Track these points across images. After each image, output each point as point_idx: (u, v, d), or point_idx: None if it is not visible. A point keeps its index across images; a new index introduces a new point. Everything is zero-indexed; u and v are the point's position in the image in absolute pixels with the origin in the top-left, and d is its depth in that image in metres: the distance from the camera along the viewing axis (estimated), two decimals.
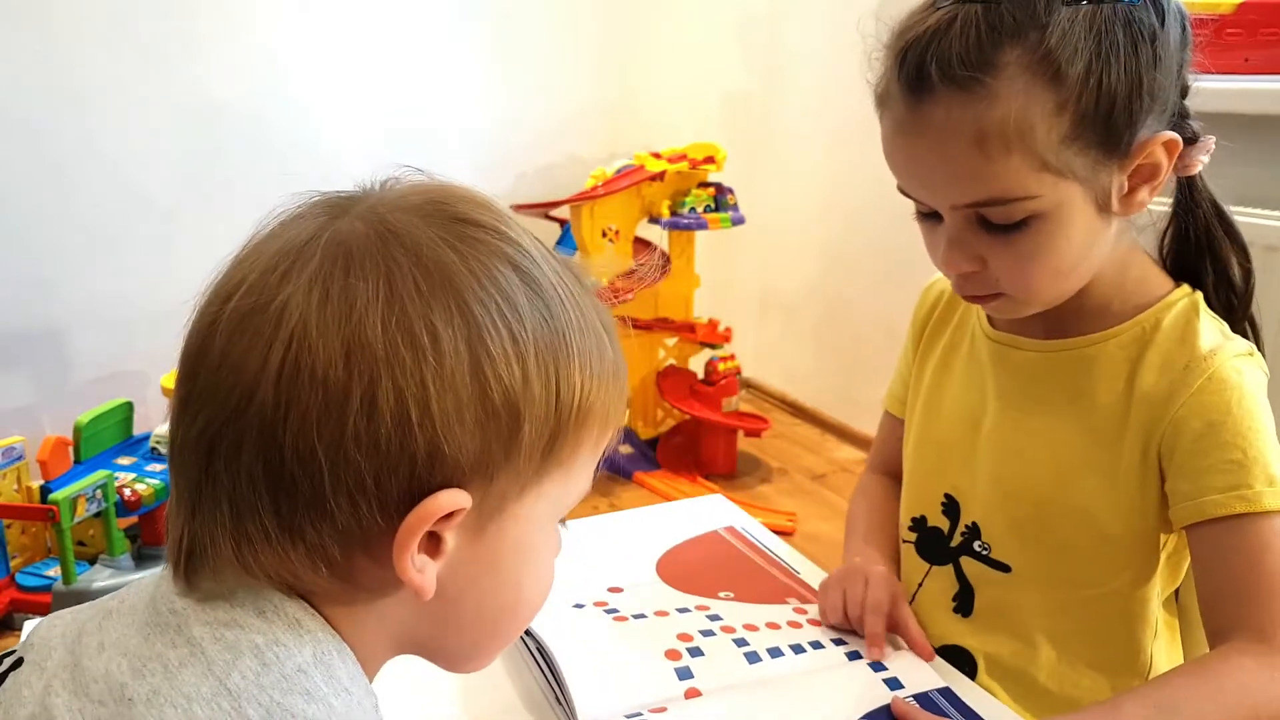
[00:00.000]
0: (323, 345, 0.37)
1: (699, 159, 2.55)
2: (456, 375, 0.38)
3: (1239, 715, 0.62)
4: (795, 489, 2.52)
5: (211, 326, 0.40)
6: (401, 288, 0.38)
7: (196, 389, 0.40)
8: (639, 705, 0.64)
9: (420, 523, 0.39)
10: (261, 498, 0.39)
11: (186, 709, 0.37)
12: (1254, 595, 0.65)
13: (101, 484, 1.85)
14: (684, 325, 2.63)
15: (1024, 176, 0.64)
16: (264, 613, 0.40)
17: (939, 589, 0.81)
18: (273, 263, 0.40)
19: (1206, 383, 0.68)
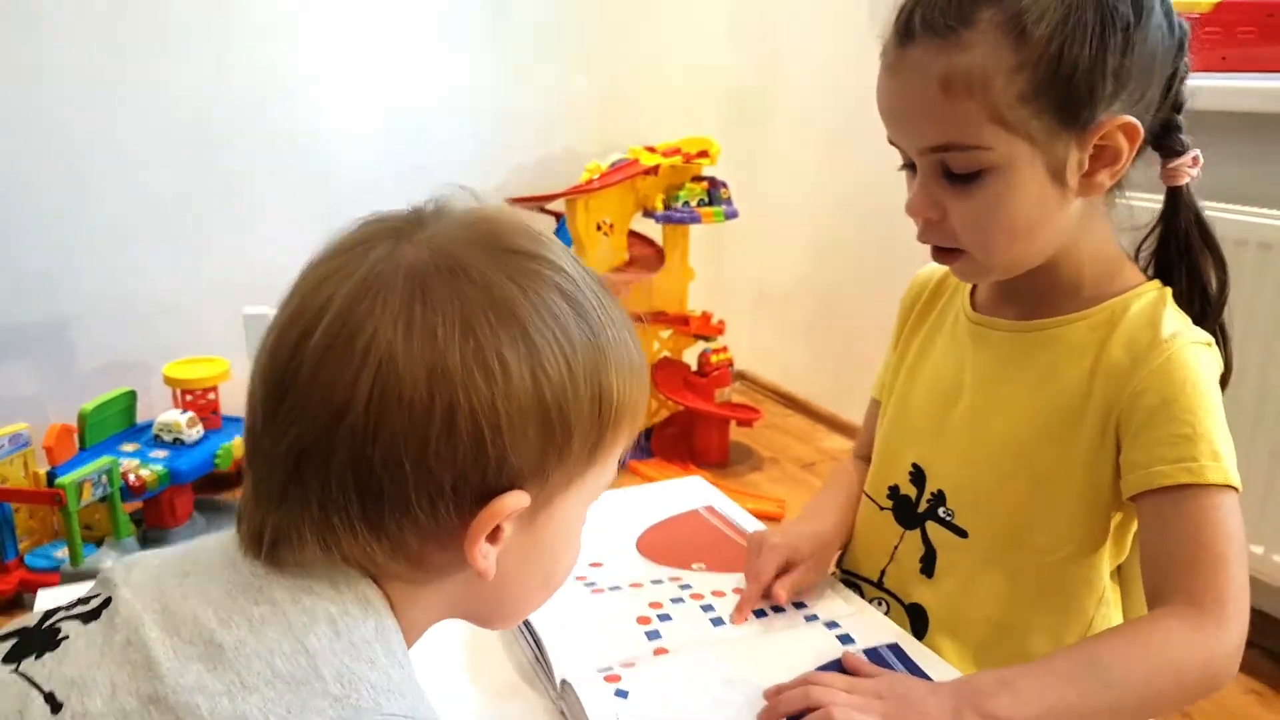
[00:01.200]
0: (408, 373, 0.43)
1: (693, 153, 2.59)
2: (521, 397, 0.44)
3: (1163, 672, 0.66)
4: (785, 477, 2.57)
5: (298, 349, 0.44)
6: (474, 322, 0.44)
7: (285, 406, 0.44)
8: (611, 660, 0.69)
9: (490, 520, 0.45)
10: (350, 500, 0.44)
11: (269, 660, 0.42)
12: (1190, 563, 0.69)
13: (106, 469, 1.90)
14: (678, 318, 2.67)
15: (979, 125, 0.69)
16: (337, 585, 0.45)
17: (909, 552, 0.86)
18: (356, 291, 0.44)
19: (1165, 362, 0.72)
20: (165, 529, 2.07)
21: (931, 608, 0.84)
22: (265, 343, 0.47)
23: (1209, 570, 0.68)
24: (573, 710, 0.65)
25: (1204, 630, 0.67)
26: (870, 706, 0.63)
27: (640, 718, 0.63)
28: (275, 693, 0.42)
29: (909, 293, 0.94)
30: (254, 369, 0.47)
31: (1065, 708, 0.64)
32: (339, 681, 0.42)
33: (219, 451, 2.14)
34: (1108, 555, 0.79)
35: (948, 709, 0.63)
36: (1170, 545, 0.70)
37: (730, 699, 0.67)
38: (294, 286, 0.47)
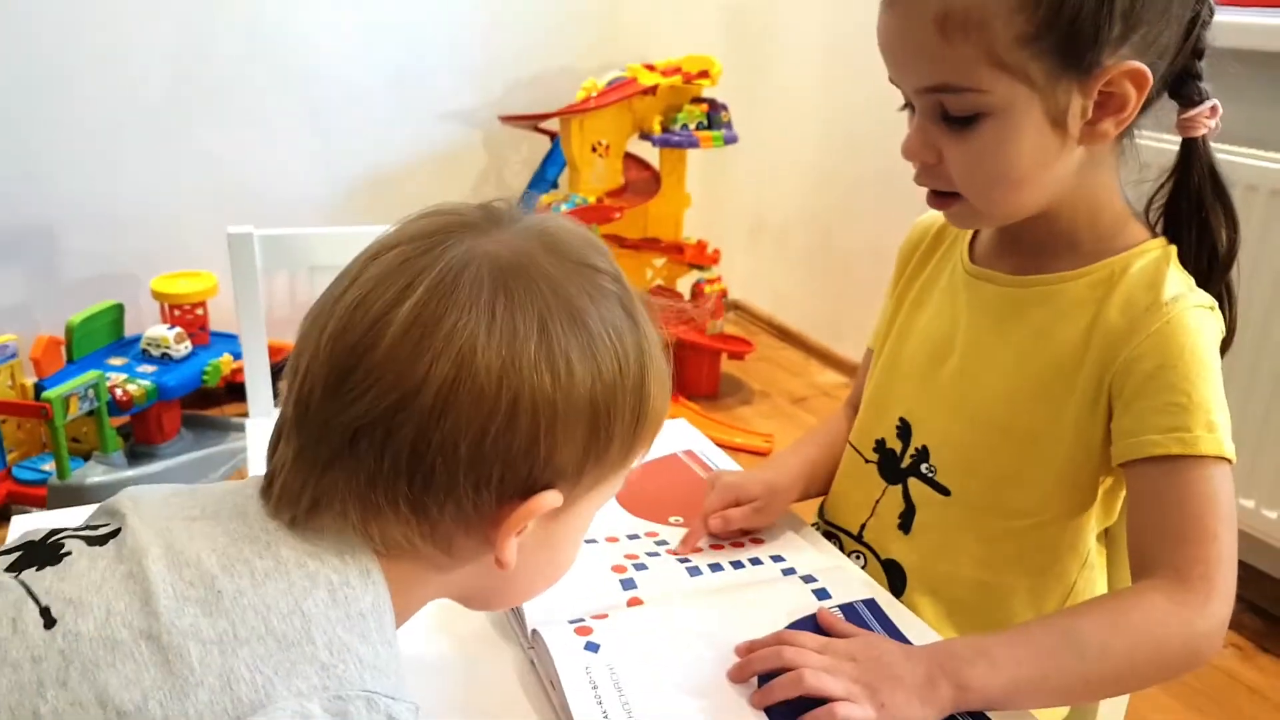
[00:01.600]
0: (484, 363, 0.45)
1: (693, 73, 2.52)
2: (579, 398, 0.47)
3: (1142, 647, 0.65)
4: (775, 411, 2.57)
5: (377, 326, 0.45)
6: (551, 326, 0.46)
7: (355, 377, 0.45)
8: (584, 612, 0.69)
9: (526, 515, 0.48)
10: (400, 478, 0.46)
11: (264, 616, 0.43)
12: (1176, 535, 0.67)
13: (93, 383, 1.89)
14: (672, 246, 2.64)
15: (976, 67, 0.66)
16: (343, 555, 0.47)
17: (889, 507, 0.85)
18: (440, 279, 0.46)
19: (1164, 326, 0.70)
20: (153, 444, 2.07)
21: (909, 565, 0.83)
22: (326, 312, 0.47)
23: (1197, 544, 0.67)
24: (543, 661, 0.65)
25: (1188, 606, 0.66)
26: (842, 669, 0.62)
27: (610, 671, 0.63)
28: (265, 649, 0.42)
29: (908, 241, 0.91)
30: (309, 334, 0.48)
31: (1040, 679, 0.64)
32: (329, 649, 0.43)
33: (207, 368, 2.13)
34: (1094, 519, 0.78)
35: (921, 674, 0.62)
36: (1159, 516, 0.69)
37: (703, 654, 0.66)
38: (362, 264, 0.48)
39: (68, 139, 2.24)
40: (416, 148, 2.62)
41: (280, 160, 2.47)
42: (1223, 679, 1.61)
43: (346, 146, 2.53)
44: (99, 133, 2.27)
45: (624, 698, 0.61)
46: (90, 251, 2.33)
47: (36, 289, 2.30)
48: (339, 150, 2.53)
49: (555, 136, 2.58)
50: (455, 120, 2.65)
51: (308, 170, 2.51)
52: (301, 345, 0.48)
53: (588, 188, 2.49)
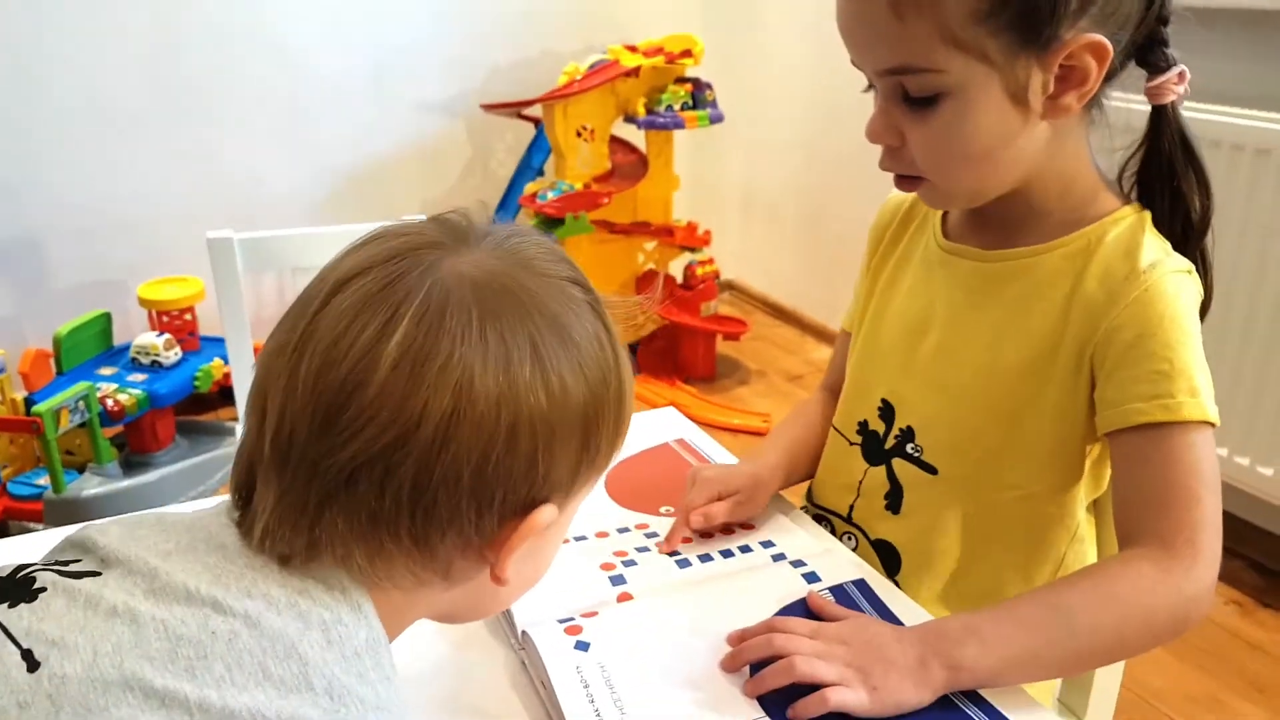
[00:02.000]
0: (482, 394, 0.44)
1: (676, 53, 2.50)
2: (574, 415, 0.47)
3: (1132, 618, 0.65)
4: (771, 390, 2.56)
5: (365, 363, 0.44)
6: (542, 347, 0.46)
7: (347, 416, 0.44)
8: (573, 610, 0.68)
9: (529, 532, 0.48)
10: (401, 514, 0.45)
11: (261, 661, 0.42)
12: (1162, 502, 0.67)
13: (84, 395, 1.88)
14: (663, 229, 2.62)
15: (932, 47, 0.65)
16: (332, 590, 0.45)
17: (874, 488, 0.84)
18: (424, 309, 0.44)
19: (1143, 294, 0.69)
20: (148, 453, 2.07)
21: (901, 544, 0.83)
22: (293, 346, 0.45)
23: (1182, 509, 0.67)
24: (533, 662, 0.64)
25: (1174, 573, 0.66)
26: (834, 653, 0.62)
27: (601, 669, 0.63)
28: (266, 696, 0.41)
29: (878, 219, 0.91)
30: (276, 369, 0.46)
31: (1031, 655, 0.64)
32: (329, 694, 0.42)
33: (198, 373, 2.12)
34: (1082, 491, 0.78)
35: (913, 656, 0.62)
36: (1144, 484, 0.69)
37: (694, 646, 0.66)
38: (328, 294, 0.46)
39: (45, 150, 2.23)
40: (400, 141, 2.60)
41: (263, 161, 2.45)
42: (1224, 636, 1.62)
43: (330, 143, 2.51)
44: (77, 141, 2.25)
45: (616, 695, 0.61)
46: (75, 261, 2.32)
47: (22, 302, 2.29)
48: (322, 148, 2.51)
49: (539, 123, 2.56)
50: (438, 111, 2.63)
51: (291, 169, 2.49)
52: (267, 381, 0.46)
53: (574, 173, 2.47)
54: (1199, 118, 1.62)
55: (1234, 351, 1.64)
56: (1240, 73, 1.67)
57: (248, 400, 0.48)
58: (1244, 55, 1.67)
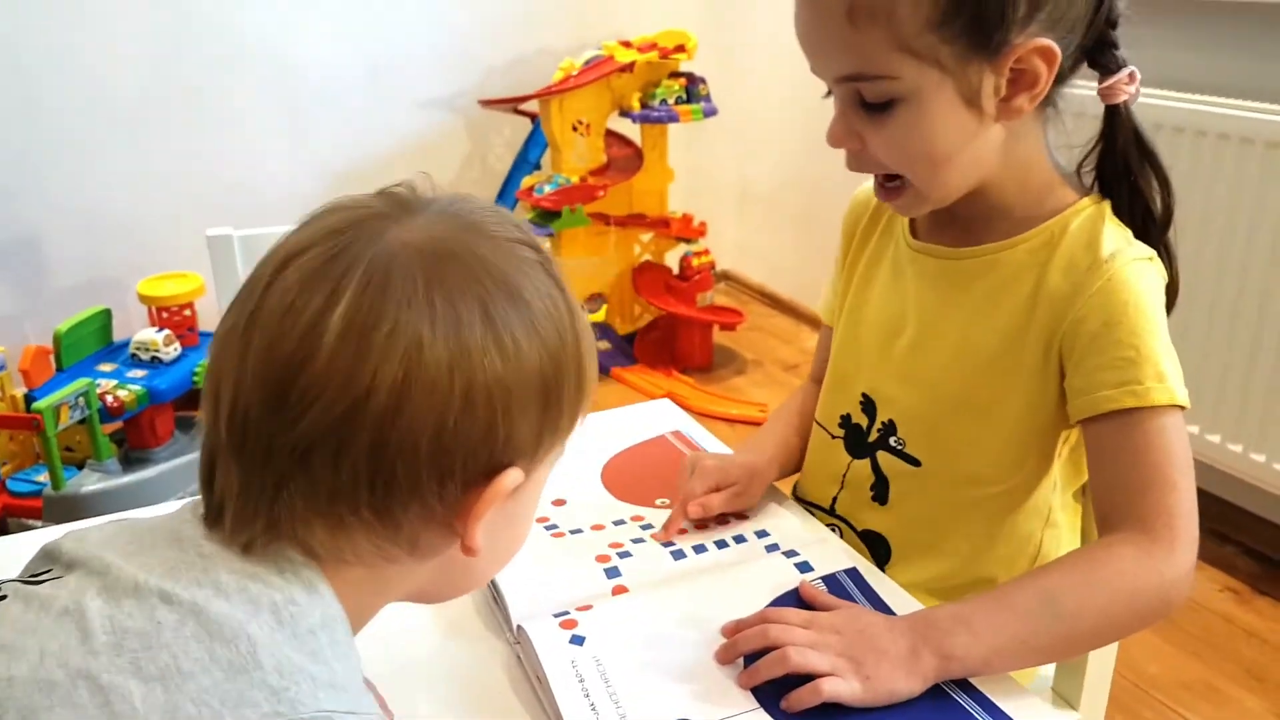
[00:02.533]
0: (432, 357, 0.43)
1: (670, 48, 2.50)
2: (529, 374, 0.46)
3: (1117, 601, 0.66)
4: (768, 380, 2.57)
5: (310, 338, 0.43)
6: (492, 308, 0.45)
7: (296, 392, 0.43)
8: (568, 604, 0.69)
9: (494, 498, 0.47)
10: (360, 487, 0.44)
11: (208, 645, 0.41)
12: (1138, 487, 0.68)
13: (84, 391, 1.89)
14: (659, 221, 2.63)
15: (886, 55, 0.67)
16: (283, 572, 0.45)
17: (859, 480, 0.86)
18: (368, 278, 0.44)
19: (1106, 284, 0.71)
20: (147, 449, 2.07)
21: (891, 534, 0.84)
22: (241, 328, 0.45)
23: (1158, 494, 0.68)
24: (528, 656, 0.65)
25: (1155, 556, 0.67)
26: (827, 643, 0.63)
27: (595, 663, 0.63)
28: (211, 680, 0.40)
29: (849, 214, 0.92)
30: (225, 354, 0.45)
31: (1020, 643, 0.65)
32: (278, 672, 0.41)
33: (197, 369, 2.13)
34: (1059, 477, 0.79)
35: (904, 645, 0.63)
36: (1119, 470, 0.70)
37: (689, 638, 0.67)
38: (273, 271, 0.45)
39: (44, 148, 2.23)
40: (398, 137, 2.60)
41: (261, 157, 2.45)
42: (1220, 623, 1.63)
43: (328, 140, 2.51)
44: (76, 140, 2.25)
45: (611, 689, 0.62)
46: (75, 259, 2.32)
47: (22, 299, 2.30)
48: (320, 144, 2.51)
49: (536, 118, 2.56)
50: (435, 107, 2.63)
51: (290, 166, 2.49)
52: (219, 366, 0.46)
53: (570, 167, 2.48)
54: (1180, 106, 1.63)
55: (1222, 338, 1.65)
56: (1232, 65, 1.67)
57: (204, 389, 0.47)
58: (1221, 45, 1.68)
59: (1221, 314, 1.64)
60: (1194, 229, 1.62)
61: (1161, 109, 1.65)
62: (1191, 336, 1.65)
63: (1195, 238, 1.63)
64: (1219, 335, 1.65)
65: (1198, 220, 1.62)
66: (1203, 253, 1.64)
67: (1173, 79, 1.68)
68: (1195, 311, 1.65)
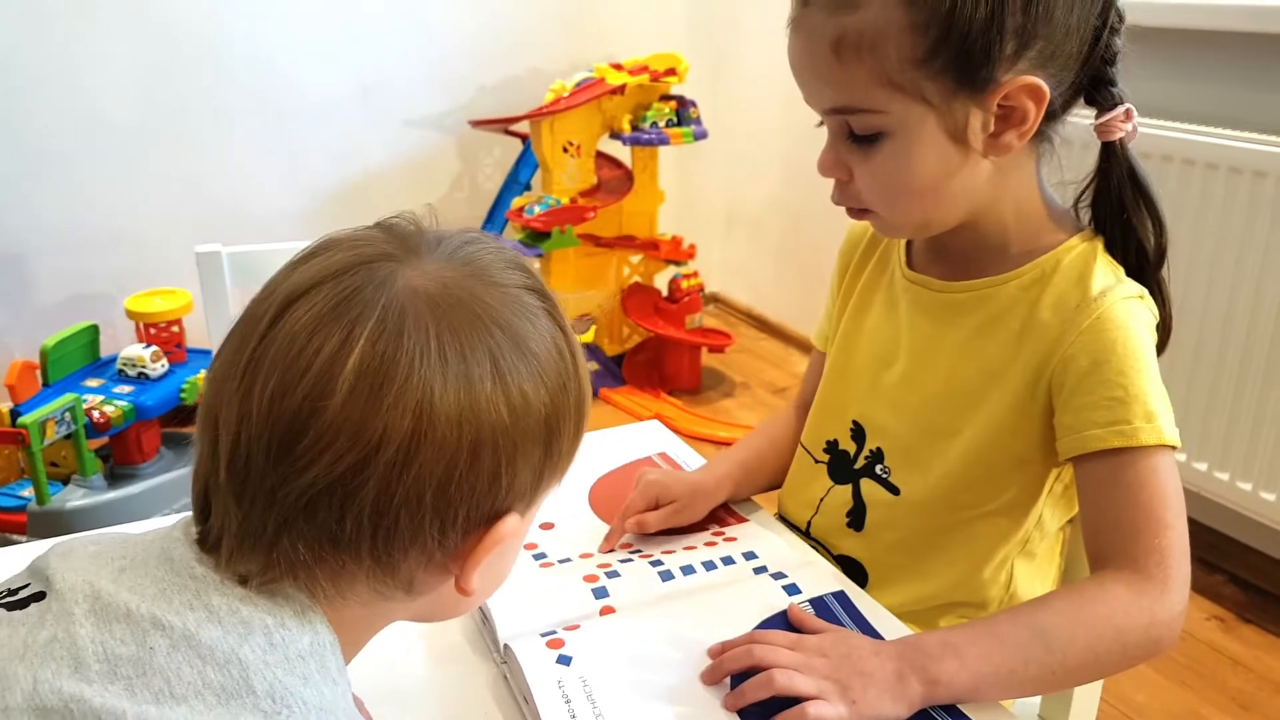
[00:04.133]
0: (444, 413, 0.43)
1: (661, 71, 2.52)
2: (535, 425, 0.47)
3: (1106, 638, 0.66)
4: (756, 403, 2.57)
5: (321, 387, 0.42)
6: (502, 361, 0.45)
7: (306, 441, 0.42)
8: (555, 624, 0.69)
9: (493, 544, 0.47)
10: (363, 537, 0.44)
11: (200, 670, 0.41)
12: (1129, 527, 0.68)
13: (70, 406, 1.88)
14: (648, 242, 2.64)
15: (872, 89, 0.68)
16: (275, 596, 0.45)
17: (836, 505, 0.86)
18: (380, 328, 0.43)
19: (1095, 322, 0.71)
20: (133, 465, 2.05)
21: (865, 561, 0.84)
22: (244, 366, 0.44)
23: (1149, 534, 0.68)
24: (515, 676, 0.65)
25: (1147, 595, 0.67)
26: (813, 666, 0.63)
27: (582, 683, 0.63)
28: (204, 704, 0.41)
29: (846, 243, 0.93)
30: (227, 391, 0.44)
31: (1008, 673, 0.65)
32: (270, 696, 0.42)
33: (185, 385, 2.12)
34: (1044, 512, 0.79)
35: (891, 670, 0.63)
36: (1109, 509, 0.70)
37: (675, 659, 0.66)
38: (277, 310, 0.44)
39: (34, 163, 2.22)
40: (388, 156, 2.60)
41: (251, 174, 2.45)
42: (1206, 652, 1.63)
43: (317, 158, 2.52)
44: (65, 155, 2.25)
45: (597, 709, 0.61)
46: (63, 274, 2.31)
47: (9, 314, 2.28)
48: (310, 162, 2.51)
49: (526, 139, 2.57)
50: (426, 127, 2.64)
51: (279, 183, 2.49)
52: (217, 400, 0.45)
53: (560, 188, 2.49)
54: (1183, 138, 1.65)
55: (1210, 369, 1.66)
56: (1221, 94, 1.69)
57: (198, 420, 0.46)
58: (1227, 77, 1.70)
59: (1209, 342, 1.65)
60: (1182, 257, 1.64)
61: (1149, 138, 1.67)
62: (1179, 364, 1.67)
63: (1183, 266, 1.65)
64: (1206, 363, 1.66)
65: (1185, 249, 1.63)
66: (1190, 281, 1.65)
67: (1160, 108, 1.70)
68: (1183, 339, 1.65)
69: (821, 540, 0.87)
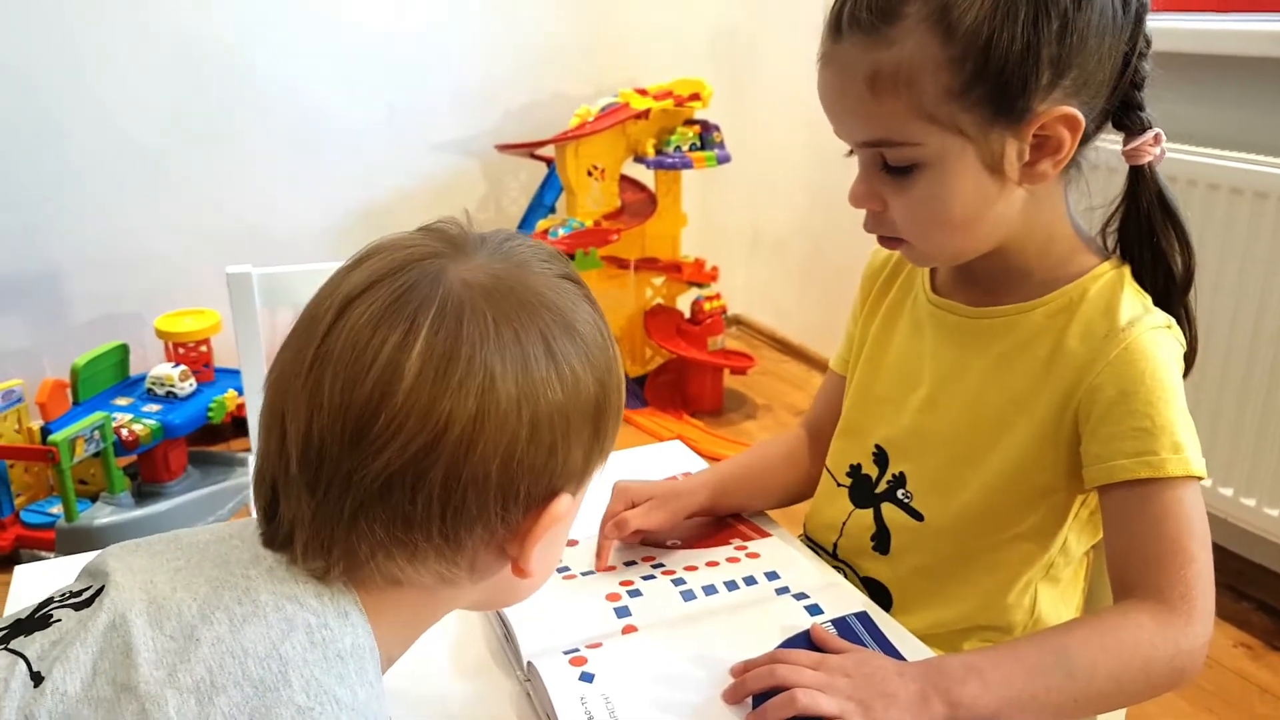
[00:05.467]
0: (505, 394, 0.46)
1: (685, 96, 2.54)
2: (586, 404, 0.50)
3: (1130, 667, 0.66)
4: (778, 424, 2.57)
5: (391, 371, 0.45)
6: (550, 339, 0.48)
7: (377, 427, 0.45)
8: (578, 642, 0.69)
9: (550, 522, 0.50)
10: (433, 516, 0.47)
11: (242, 661, 0.44)
12: (1155, 558, 0.68)
13: (99, 424, 1.91)
14: (671, 265, 2.65)
15: (908, 122, 0.68)
16: (321, 597, 0.47)
17: (860, 529, 0.86)
18: (440, 317, 0.46)
19: (1123, 353, 0.71)
20: (160, 483, 2.08)
21: (891, 583, 0.84)
22: (308, 368, 0.47)
23: (1175, 566, 0.68)
24: (538, 693, 0.66)
25: (1172, 626, 0.66)
26: (836, 686, 0.63)
27: (605, 700, 0.64)
28: (243, 695, 0.43)
29: (869, 267, 0.93)
30: (293, 392, 0.47)
31: (1030, 698, 0.64)
32: (305, 692, 0.43)
33: (212, 404, 2.15)
34: (1069, 538, 0.79)
35: (914, 691, 0.63)
36: (1135, 539, 0.70)
37: (697, 677, 0.67)
38: (336, 311, 0.47)
39: (67, 187, 2.27)
40: (415, 178, 2.64)
41: (279, 197, 2.49)
42: (1234, 679, 1.61)
43: (345, 181, 2.55)
44: (98, 178, 2.29)
45: None
46: (94, 294, 2.35)
47: (41, 334, 2.33)
48: (337, 185, 2.55)
49: (551, 163, 2.60)
50: (453, 150, 2.67)
51: (307, 206, 2.53)
52: (282, 400, 0.48)
53: (585, 211, 2.51)
54: (1192, 160, 1.65)
55: (1236, 392, 1.65)
56: (1243, 118, 1.69)
57: (261, 423, 0.49)
58: (1234, 99, 1.70)
59: (1235, 367, 1.64)
60: (1207, 282, 1.62)
61: (1173, 163, 1.66)
62: (1205, 389, 1.66)
63: (1209, 291, 1.64)
64: (1232, 387, 1.65)
65: (1211, 273, 1.63)
66: (1216, 306, 1.64)
67: (1184, 133, 1.70)
68: (1209, 364, 1.65)
69: (848, 562, 0.87)
